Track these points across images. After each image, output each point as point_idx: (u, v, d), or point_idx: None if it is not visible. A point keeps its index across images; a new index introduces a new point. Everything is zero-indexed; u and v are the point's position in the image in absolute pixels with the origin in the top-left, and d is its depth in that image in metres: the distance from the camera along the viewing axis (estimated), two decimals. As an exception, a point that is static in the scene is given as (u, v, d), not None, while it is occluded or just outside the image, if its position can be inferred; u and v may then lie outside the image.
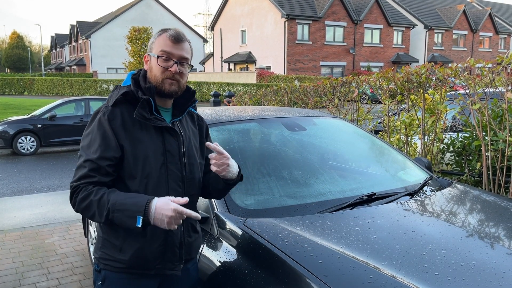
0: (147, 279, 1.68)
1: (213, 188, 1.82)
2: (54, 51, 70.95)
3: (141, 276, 1.67)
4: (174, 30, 1.68)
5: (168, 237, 1.66)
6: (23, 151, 10.89)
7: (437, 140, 4.06)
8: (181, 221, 1.51)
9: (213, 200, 2.10)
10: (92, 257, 1.80)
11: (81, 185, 1.56)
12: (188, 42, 1.70)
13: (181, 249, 1.71)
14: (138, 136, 1.62)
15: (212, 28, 40.36)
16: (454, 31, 39.64)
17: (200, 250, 2.02)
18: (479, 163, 3.66)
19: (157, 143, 1.65)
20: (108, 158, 1.57)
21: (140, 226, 1.47)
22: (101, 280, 1.70)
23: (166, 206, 1.48)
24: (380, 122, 5.26)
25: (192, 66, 1.73)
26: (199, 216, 1.54)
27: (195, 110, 1.88)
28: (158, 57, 1.63)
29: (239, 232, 1.90)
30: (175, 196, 1.60)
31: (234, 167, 1.73)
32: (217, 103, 10.51)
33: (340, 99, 5.47)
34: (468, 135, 3.89)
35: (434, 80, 4.15)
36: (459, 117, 4.14)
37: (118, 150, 1.59)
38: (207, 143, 1.65)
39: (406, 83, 4.25)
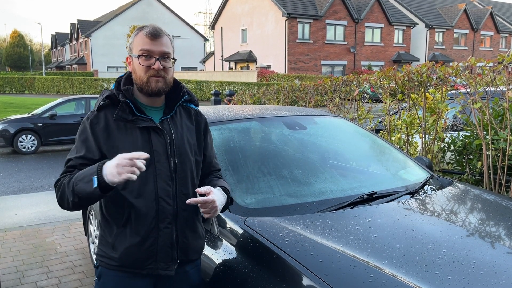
0: (141, 278, 1.68)
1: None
2: (54, 49, 70.96)
3: (134, 275, 1.67)
4: (150, 26, 1.65)
5: (160, 237, 1.64)
6: (24, 149, 10.90)
7: (438, 139, 4.05)
8: (137, 171, 1.44)
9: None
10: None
11: (61, 178, 1.61)
12: (167, 36, 1.67)
13: (174, 249, 1.68)
14: (121, 138, 1.63)
15: (212, 27, 40.34)
16: (455, 30, 39.58)
17: (200, 249, 2.02)
18: (479, 162, 3.66)
19: (143, 143, 1.63)
20: (86, 158, 1.61)
21: (96, 186, 1.45)
22: (97, 276, 1.72)
23: (113, 160, 1.47)
24: (380, 121, 5.25)
25: (175, 59, 1.70)
26: (146, 154, 1.46)
27: (196, 105, 1.84)
28: (138, 56, 1.62)
29: (240, 231, 1.90)
30: (165, 196, 1.64)
31: (221, 201, 1.67)
32: (217, 102, 10.51)
33: (341, 98, 5.46)
34: (469, 134, 3.88)
35: (435, 79, 4.14)
36: (460, 116, 4.13)
37: (97, 153, 1.62)
38: (196, 189, 1.61)
39: (407, 82, 4.24)
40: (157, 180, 1.64)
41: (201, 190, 1.59)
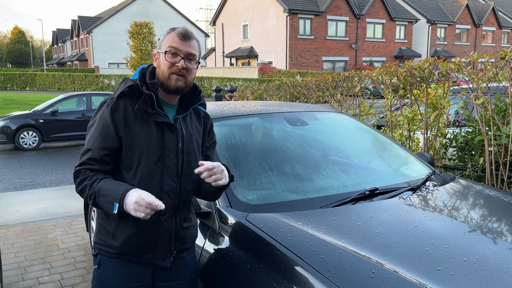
0: (140, 266, 1.74)
1: (206, 190, 1.83)
2: (55, 46, 70.93)
3: (133, 262, 1.73)
4: (182, 28, 1.73)
5: (160, 229, 1.71)
6: (25, 146, 10.91)
7: (439, 135, 4.04)
8: (150, 211, 1.53)
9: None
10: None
11: (81, 170, 1.67)
12: (197, 40, 1.74)
13: (172, 242, 1.75)
14: (138, 129, 1.67)
15: (213, 23, 40.25)
16: (457, 26, 39.44)
17: (202, 245, 2.02)
18: (482, 158, 3.65)
19: (156, 137, 1.69)
20: (106, 148, 1.66)
21: (116, 212, 1.55)
22: (97, 264, 1.77)
23: (135, 193, 1.54)
24: (382, 117, 5.24)
25: (199, 63, 1.77)
26: (162, 205, 1.53)
27: (205, 108, 1.92)
28: (166, 52, 1.68)
29: (241, 227, 1.90)
30: (169, 191, 1.71)
31: (225, 174, 1.73)
32: (219, 98, 10.50)
33: (342, 94, 5.45)
34: (471, 130, 3.87)
35: (437, 74, 4.13)
36: (462, 112, 4.12)
37: (116, 141, 1.66)
38: (200, 161, 1.67)
39: (409, 77, 4.23)
40: (163, 175, 1.70)
41: (204, 162, 1.65)
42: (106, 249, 1.73)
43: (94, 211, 3.77)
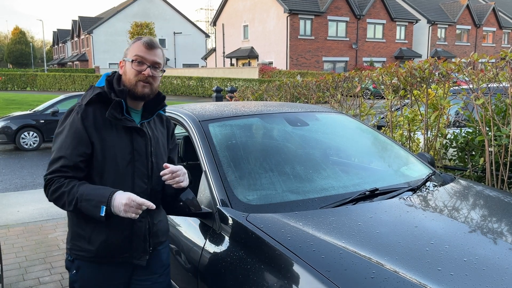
0: (117, 266, 1.82)
1: (165, 192, 1.91)
2: (56, 46, 70.97)
3: (111, 263, 1.81)
4: (148, 37, 1.83)
5: (134, 229, 1.79)
6: (26, 146, 10.92)
7: (440, 135, 4.04)
8: (140, 211, 1.63)
9: (215, 195, 2.10)
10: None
11: (54, 178, 1.70)
12: (161, 49, 1.85)
13: (146, 242, 1.84)
14: (107, 135, 1.75)
15: (214, 23, 40.25)
16: (458, 26, 39.42)
17: (202, 246, 2.03)
18: (482, 159, 3.65)
19: (126, 142, 1.78)
20: (80, 154, 1.71)
21: (103, 215, 1.62)
22: (75, 269, 1.82)
23: (123, 195, 1.63)
24: (382, 118, 5.24)
25: (164, 71, 1.88)
26: (153, 205, 1.64)
27: (164, 112, 2.03)
28: (132, 61, 1.77)
29: (242, 227, 1.90)
30: (141, 193, 1.77)
31: (187, 177, 1.84)
32: (219, 99, 10.51)
33: (342, 94, 5.45)
34: (471, 131, 3.87)
35: (437, 75, 4.13)
36: (462, 112, 4.12)
37: (90, 147, 1.72)
38: (165, 164, 1.77)
39: (409, 78, 4.23)
40: (135, 178, 1.79)
41: (168, 165, 1.76)
42: (83, 254, 1.79)
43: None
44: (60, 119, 1.80)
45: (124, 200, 1.61)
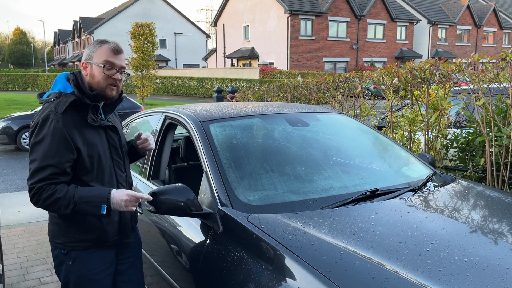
0: (107, 249, 2.04)
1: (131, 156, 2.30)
2: (57, 47, 71.02)
3: (102, 248, 2.01)
4: (114, 42, 1.96)
5: (122, 213, 2.03)
6: (27, 146, 10.90)
7: (440, 136, 4.04)
8: (137, 204, 1.89)
9: (216, 196, 2.11)
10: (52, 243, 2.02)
11: (44, 186, 1.79)
12: (124, 53, 2.01)
13: (133, 221, 2.13)
14: (89, 137, 1.90)
15: (215, 23, 40.27)
16: (458, 26, 39.41)
17: (203, 246, 2.03)
18: (482, 159, 3.65)
19: (103, 140, 1.98)
20: (67, 160, 1.83)
21: (104, 212, 1.83)
22: (71, 260, 1.96)
23: (121, 193, 1.85)
24: (383, 118, 5.24)
25: (128, 74, 2.10)
26: (150, 197, 1.91)
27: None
28: (104, 66, 1.89)
29: (243, 227, 1.90)
30: (122, 181, 2.06)
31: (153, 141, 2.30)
32: (220, 99, 10.52)
33: (343, 95, 5.45)
34: (472, 131, 3.87)
35: (437, 75, 4.13)
36: (463, 112, 4.12)
37: (75, 152, 1.85)
38: (142, 134, 2.24)
39: (410, 78, 4.23)
40: (115, 169, 2.03)
41: (143, 133, 2.26)
42: (79, 244, 1.95)
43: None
44: (32, 128, 1.84)
45: (124, 197, 1.84)
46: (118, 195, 1.84)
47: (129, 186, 2.16)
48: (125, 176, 2.10)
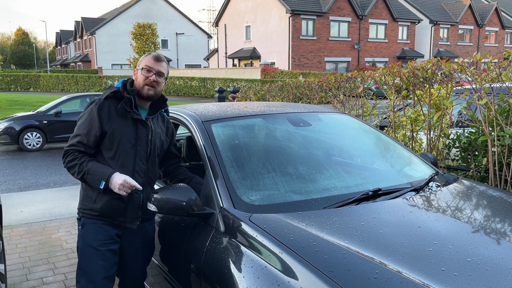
0: (113, 227, 2.29)
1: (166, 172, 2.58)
2: (59, 47, 71.12)
3: (108, 224, 2.27)
4: (157, 52, 2.37)
5: (131, 198, 2.26)
6: (29, 147, 10.95)
7: (443, 135, 4.03)
8: (130, 191, 2.15)
9: (218, 195, 2.11)
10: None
11: (71, 150, 2.24)
12: (166, 62, 2.35)
13: (139, 209, 2.31)
14: (117, 124, 2.23)
15: (216, 24, 40.28)
16: (460, 26, 39.34)
17: (205, 246, 2.03)
18: (485, 159, 3.64)
19: (132, 130, 2.26)
20: (91, 135, 2.21)
21: (102, 187, 2.15)
22: (81, 225, 2.31)
23: (119, 177, 2.15)
24: (385, 118, 5.23)
25: (167, 79, 2.39)
26: (140, 187, 2.18)
27: (167, 114, 2.54)
28: (142, 68, 2.28)
29: (245, 227, 1.90)
30: (139, 171, 2.29)
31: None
32: (221, 99, 10.53)
33: (345, 95, 5.44)
34: (474, 131, 3.87)
35: (440, 75, 4.12)
36: (465, 112, 4.11)
37: (99, 132, 2.21)
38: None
39: (412, 78, 4.22)
40: (136, 159, 2.28)
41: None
42: (88, 212, 2.27)
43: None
44: (85, 108, 2.30)
45: (120, 181, 2.12)
46: (117, 178, 2.14)
47: (149, 179, 2.35)
48: (145, 168, 2.31)
